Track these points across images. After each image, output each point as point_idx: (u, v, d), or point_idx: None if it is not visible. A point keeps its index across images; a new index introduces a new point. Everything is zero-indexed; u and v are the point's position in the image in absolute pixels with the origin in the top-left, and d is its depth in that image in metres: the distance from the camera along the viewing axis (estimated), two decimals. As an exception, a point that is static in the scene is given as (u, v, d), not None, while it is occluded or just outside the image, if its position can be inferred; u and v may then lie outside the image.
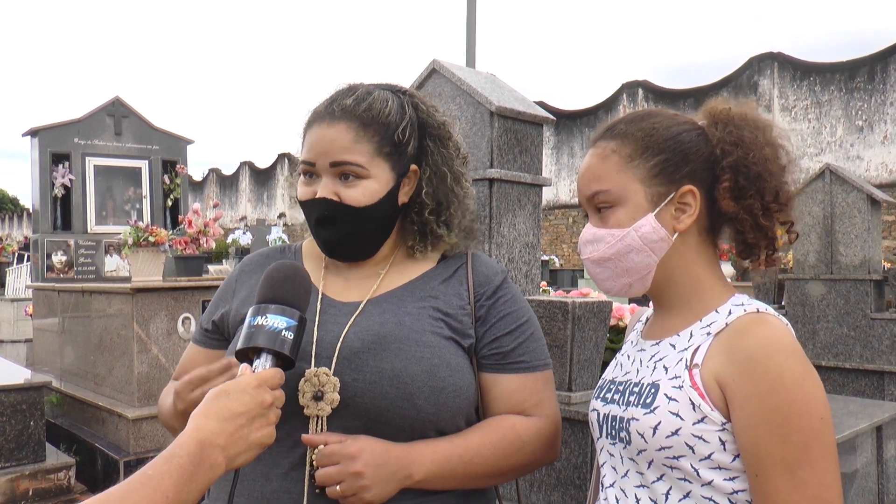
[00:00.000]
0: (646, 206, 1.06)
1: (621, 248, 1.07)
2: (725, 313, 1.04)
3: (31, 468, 3.61)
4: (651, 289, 1.12)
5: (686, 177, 1.07)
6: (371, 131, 1.17)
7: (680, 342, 1.06)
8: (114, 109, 6.81)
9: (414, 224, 1.25)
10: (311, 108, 1.24)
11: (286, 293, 1.03)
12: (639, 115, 1.13)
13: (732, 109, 1.10)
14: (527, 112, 2.83)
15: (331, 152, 1.17)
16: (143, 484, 0.79)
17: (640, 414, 1.04)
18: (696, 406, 0.99)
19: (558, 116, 16.91)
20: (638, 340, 1.17)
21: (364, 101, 1.19)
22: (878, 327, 5.16)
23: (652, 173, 1.07)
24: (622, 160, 1.08)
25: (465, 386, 1.16)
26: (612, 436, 1.10)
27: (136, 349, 4.12)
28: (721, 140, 1.07)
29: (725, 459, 0.98)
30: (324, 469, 1.07)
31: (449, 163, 1.26)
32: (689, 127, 1.10)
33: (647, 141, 1.08)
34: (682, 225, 1.07)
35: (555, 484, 2.54)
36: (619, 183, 1.07)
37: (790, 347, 0.97)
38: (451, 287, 1.23)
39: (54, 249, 6.48)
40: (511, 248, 2.81)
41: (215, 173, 29.45)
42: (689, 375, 1.01)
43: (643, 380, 1.08)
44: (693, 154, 1.08)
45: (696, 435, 0.99)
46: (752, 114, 1.10)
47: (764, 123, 1.10)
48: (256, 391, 0.92)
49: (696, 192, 1.06)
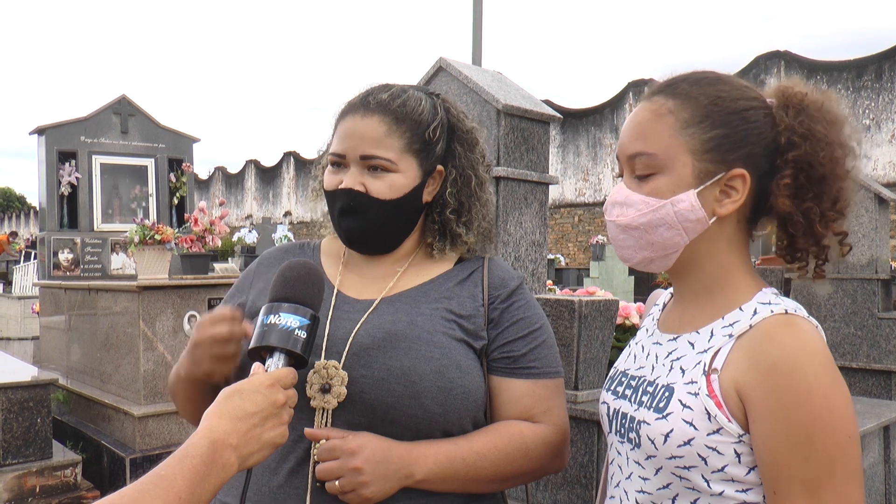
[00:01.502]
0: (690, 181, 0.96)
1: (652, 220, 0.98)
2: (750, 312, 0.95)
3: (37, 465, 3.62)
4: (672, 270, 1.03)
5: (741, 159, 0.96)
6: (403, 127, 1.19)
7: (699, 341, 0.98)
8: (120, 108, 6.82)
9: (435, 224, 1.27)
10: (345, 101, 1.26)
11: (299, 292, 1.03)
12: (706, 78, 1.01)
13: (809, 96, 0.97)
14: (533, 110, 2.82)
15: (362, 145, 1.18)
16: (155, 484, 0.79)
17: (652, 418, 0.97)
18: (712, 416, 0.91)
19: (564, 115, 16.87)
20: (654, 331, 1.09)
21: (399, 98, 1.21)
22: (886, 327, 5.14)
23: (706, 147, 0.96)
24: (677, 124, 0.97)
25: (473, 388, 1.16)
26: (622, 434, 1.04)
27: (142, 347, 4.13)
28: (789, 128, 0.96)
29: (739, 472, 0.92)
30: (323, 463, 1.07)
31: (475, 167, 1.28)
32: (757, 104, 0.98)
33: (710, 109, 0.97)
34: (725, 210, 0.97)
35: (561, 483, 2.54)
36: (669, 149, 0.97)
37: (819, 357, 0.89)
38: (465, 289, 1.23)
39: (61, 247, 6.49)
40: (517, 246, 2.81)
41: (221, 172, 29.51)
42: (706, 382, 0.93)
43: (658, 380, 1.01)
44: (754, 136, 0.96)
45: (709, 446, 0.92)
46: (828, 105, 0.98)
47: (839, 118, 0.98)
48: (269, 390, 0.92)
49: (746, 178, 0.96)
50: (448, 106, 1.28)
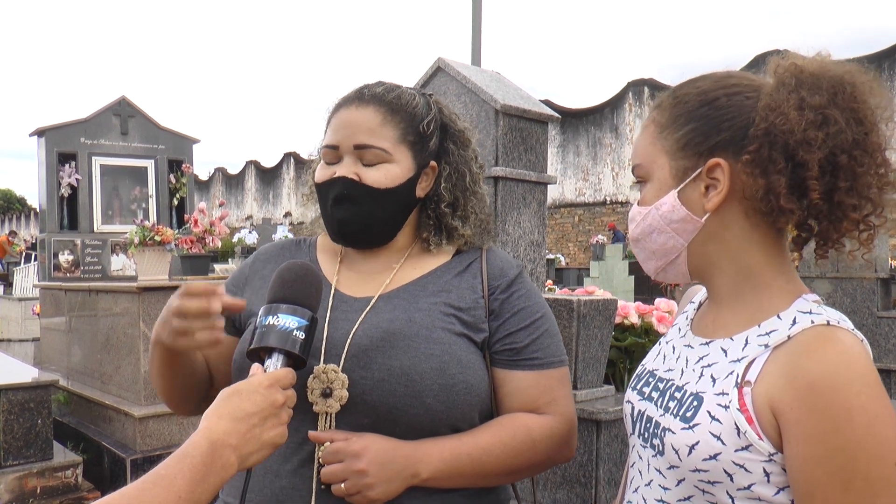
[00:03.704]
0: (670, 182, 0.95)
1: (645, 228, 0.98)
2: (789, 322, 0.88)
3: (38, 466, 3.62)
4: (693, 276, 0.99)
5: (717, 148, 0.92)
6: (398, 118, 1.21)
7: (733, 349, 0.91)
8: (120, 109, 6.83)
9: (430, 219, 1.27)
10: (337, 97, 1.26)
11: (297, 292, 1.04)
12: (687, 81, 0.99)
13: (806, 67, 0.89)
14: (532, 110, 2.83)
15: (357, 134, 1.19)
16: (155, 484, 0.80)
17: (678, 427, 0.91)
18: (742, 432, 0.85)
19: (564, 115, 16.88)
20: (687, 332, 1.03)
21: (394, 91, 1.23)
22: (885, 325, 5.15)
23: (679, 145, 0.94)
24: (656, 130, 0.97)
25: (476, 382, 1.15)
26: (645, 438, 0.99)
27: (142, 348, 4.13)
28: (764, 106, 0.89)
29: (767, 493, 0.85)
30: (328, 466, 1.07)
31: (468, 164, 1.29)
32: (735, 90, 0.93)
33: (681, 107, 0.95)
34: (711, 204, 0.92)
35: (560, 482, 2.54)
36: (649, 156, 0.97)
37: (864, 376, 0.81)
38: (464, 280, 1.23)
39: (61, 249, 6.50)
40: (516, 246, 2.81)
41: (221, 172, 29.53)
42: (738, 395, 0.87)
43: (686, 386, 0.94)
44: (727, 122, 0.92)
45: (737, 463, 0.85)
46: (834, 71, 0.88)
47: (844, 81, 0.87)
48: (268, 391, 0.92)
49: (724, 166, 0.91)
50: (441, 106, 1.30)
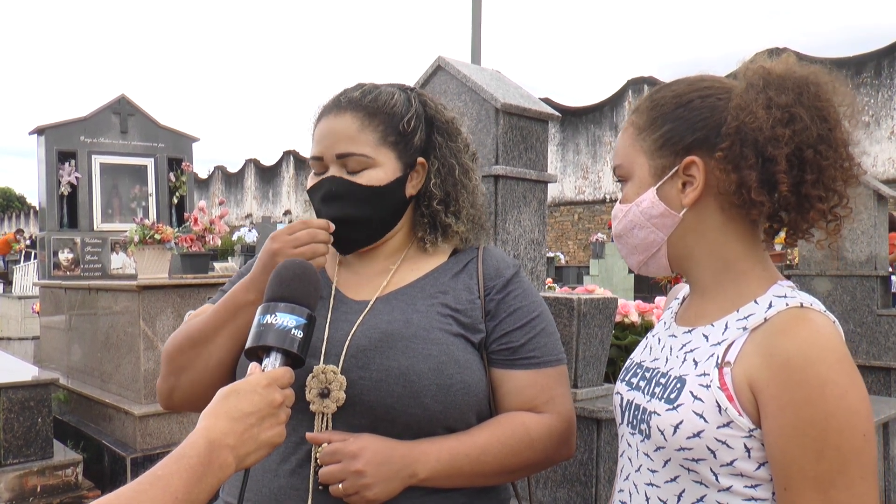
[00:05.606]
0: (649, 181, 1.02)
1: (627, 225, 1.04)
2: (765, 305, 0.94)
3: (38, 465, 3.63)
4: (674, 268, 1.06)
5: (693, 147, 0.98)
6: (377, 121, 1.20)
7: (713, 334, 0.98)
8: (119, 107, 6.82)
9: (424, 217, 1.27)
10: (319, 105, 1.27)
11: (296, 291, 1.03)
12: (663, 84, 1.06)
13: (773, 69, 0.96)
14: (532, 109, 2.83)
15: (337, 144, 1.19)
16: (152, 484, 0.79)
17: (663, 409, 0.97)
18: (723, 409, 0.90)
19: (564, 113, 16.88)
20: (671, 324, 1.10)
21: (371, 94, 1.22)
22: (885, 324, 5.14)
23: (657, 145, 1.01)
24: (635, 132, 1.04)
25: (473, 383, 1.15)
26: (633, 425, 1.04)
27: (142, 346, 4.13)
28: (737, 106, 0.95)
29: (749, 468, 0.91)
30: (326, 467, 1.07)
31: (458, 156, 1.28)
32: (708, 93, 1.00)
33: (658, 110, 1.02)
34: (688, 199, 0.99)
35: (560, 480, 2.54)
36: (629, 156, 1.04)
37: (835, 352, 0.87)
38: (461, 281, 1.23)
39: (61, 247, 6.50)
40: (516, 244, 2.81)
41: (221, 171, 29.50)
42: (718, 374, 0.92)
43: (671, 371, 1.00)
44: (701, 122, 0.98)
45: (719, 440, 0.91)
46: (799, 73, 0.95)
47: (808, 82, 0.94)
48: (266, 390, 0.92)
49: (698, 163, 0.98)
50: (424, 99, 1.28)
